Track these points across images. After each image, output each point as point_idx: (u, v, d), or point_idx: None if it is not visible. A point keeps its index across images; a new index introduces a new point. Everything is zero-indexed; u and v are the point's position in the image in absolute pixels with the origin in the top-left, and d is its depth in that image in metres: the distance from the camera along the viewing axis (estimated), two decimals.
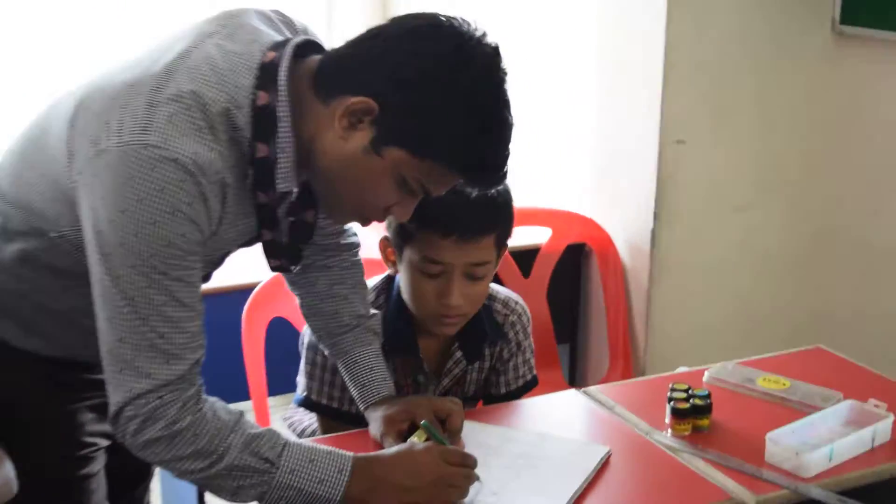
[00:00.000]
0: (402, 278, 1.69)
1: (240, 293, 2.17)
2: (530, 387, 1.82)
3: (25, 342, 1.44)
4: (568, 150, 3.04)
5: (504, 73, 1.32)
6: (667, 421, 1.65)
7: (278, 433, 1.35)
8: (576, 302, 2.98)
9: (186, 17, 1.41)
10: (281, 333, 2.11)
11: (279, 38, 1.35)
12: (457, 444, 1.54)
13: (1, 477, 1.36)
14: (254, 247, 1.46)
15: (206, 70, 1.27)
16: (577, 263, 2.94)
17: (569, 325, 2.97)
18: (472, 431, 1.59)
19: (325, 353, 1.68)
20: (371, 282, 1.73)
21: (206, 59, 1.28)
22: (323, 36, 1.45)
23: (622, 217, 2.85)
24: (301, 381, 1.75)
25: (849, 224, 2.84)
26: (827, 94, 2.80)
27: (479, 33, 1.30)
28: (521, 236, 2.76)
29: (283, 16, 1.42)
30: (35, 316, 1.42)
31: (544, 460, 1.53)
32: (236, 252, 1.51)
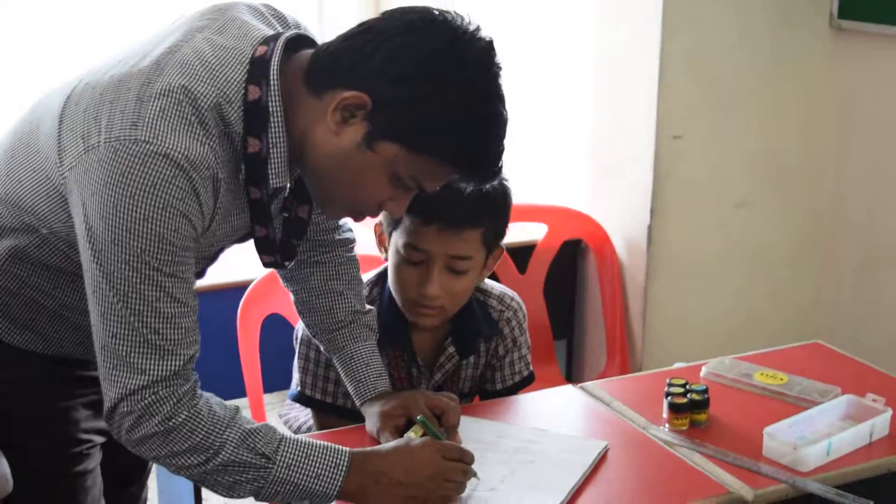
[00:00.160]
0: (389, 265, 1.69)
1: (235, 290, 2.16)
2: (527, 383, 1.81)
3: (18, 339, 1.43)
4: (564, 145, 3.03)
5: (499, 68, 1.31)
6: (664, 416, 1.64)
7: (274, 428, 1.34)
8: (572, 298, 2.97)
9: (177, 12, 1.40)
10: (276, 330, 2.10)
11: (270, 32, 1.34)
12: (453, 439, 1.53)
13: None
14: (248, 243, 1.46)
15: (196, 65, 1.26)
16: (573, 260, 2.93)
17: (565, 321, 2.96)
18: (468, 427, 1.59)
19: (321, 348, 1.67)
20: (366, 276, 1.73)
21: (196, 54, 1.28)
22: (314, 30, 1.44)
23: (618, 213, 2.84)
24: (295, 377, 1.75)
25: (847, 219, 2.84)
26: (825, 88, 2.79)
27: (472, 27, 1.30)
28: (516, 233, 2.74)
29: (274, 10, 1.41)
30: (27, 313, 1.42)
31: (541, 455, 1.52)
32: (231, 249, 1.50)
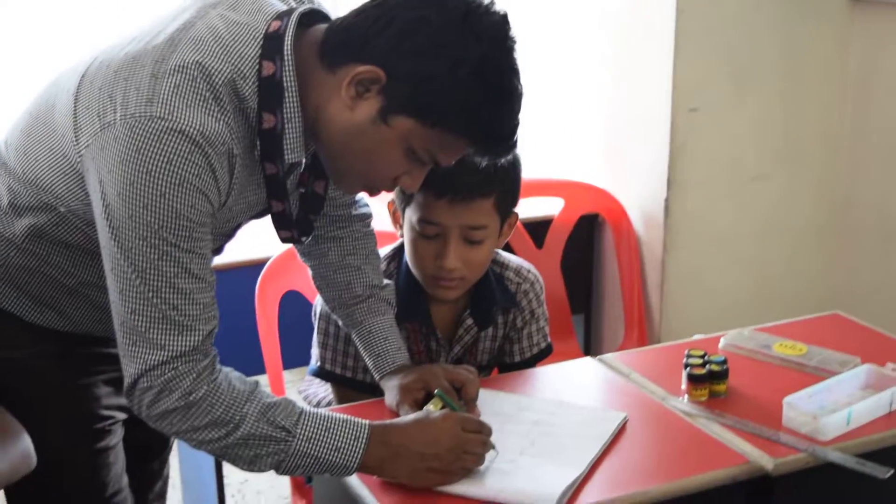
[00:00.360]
0: (405, 241, 1.69)
1: (252, 268, 2.17)
2: (545, 354, 1.82)
3: (38, 317, 1.44)
4: (579, 119, 3.01)
5: (513, 41, 1.31)
6: (683, 387, 1.64)
7: (294, 402, 1.35)
8: (589, 272, 2.97)
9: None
10: (295, 307, 2.11)
11: (283, 7, 1.34)
12: (472, 412, 1.53)
13: (19, 451, 1.37)
14: (266, 220, 1.46)
15: (210, 40, 1.26)
16: (590, 234, 2.93)
17: (583, 295, 2.96)
18: (487, 399, 1.59)
19: (339, 323, 1.68)
20: (382, 251, 1.73)
21: (210, 30, 1.28)
22: (328, 4, 1.44)
23: (635, 186, 2.83)
24: (314, 352, 1.76)
25: (867, 191, 2.81)
26: (842, 59, 2.76)
27: (486, 1, 1.29)
28: (533, 207, 2.76)
29: None
30: (47, 291, 1.43)
31: (561, 427, 1.52)
32: (248, 226, 1.51)
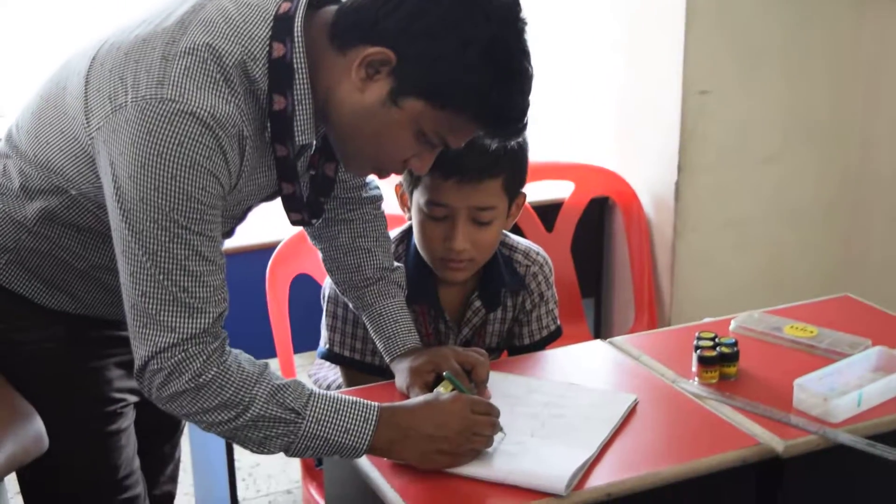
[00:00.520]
0: (413, 223, 1.69)
1: (263, 251, 2.17)
2: (554, 337, 1.82)
3: (50, 300, 1.45)
4: (590, 102, 3.01)
5: (524, 23, 1.30)
6: (693, 369, 1.64)
7: (303, 384, 1.35)
8: (600, 256, 2.97)
9: None
10: (305, 290, 2.11)
11: None
12: (483, 394, 1.54)
13: (32, 433, 1.38)
14: (276, 203, 1.46)
15: (220, 22, 1.26)
16: (600, 217, 2.92)
17: (593, 279, 2.96)
18: (497, 382, 1.59)
19: (350, 305, 1.68)
20: (392, 233, 1.73)
21: (220, 12, 1.27)
22: None
23: (645, 170, 2.82)
24: (323, 335, 1.76)
25: (876, 173, 2.80)
26: (854, 41, 2.75)
27: None
28: (543, 190, 2.75)
29: None
30: (59, 274, 1.43)
31: (571, 409, 1.52)
32: (259, 209, 1.51)
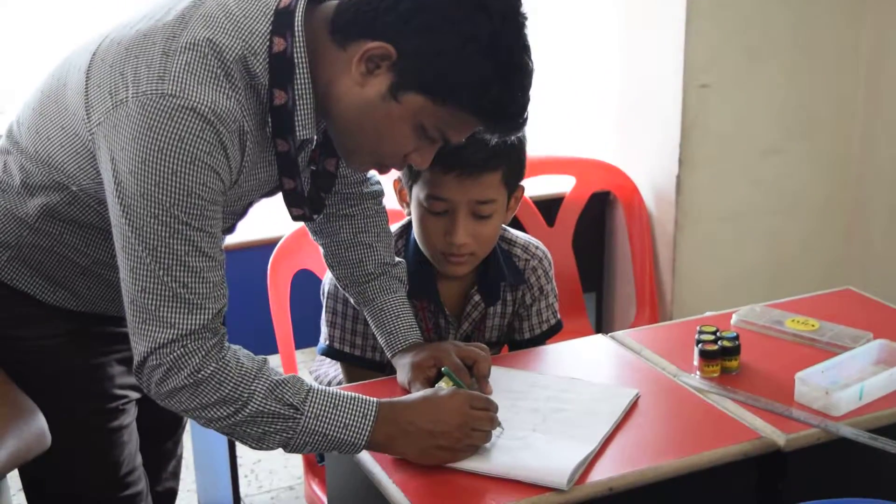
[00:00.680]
0: (412, 218, 1.69)
1: (265, 247, 2.17)
2: (555, 331, 1.82)
3: (52, 296, 1.45)
4: (590, 96, 3.00)
5: (524, 18, 1.30)
6: (695, 363, 1.64)
7: (302, 379, 1.35)
8: (601, 250, 2.96)
9: None
10: (307, 287, 2.11)
11: None
12: (485, 389, 1.54)
13: (34, 430, 1.38)
14: (277, 199, 1.46)
15: (220, 17, 1.26)
16: (601, 211, 2.92)
17: (595, 273, 2.96)
18: (499, 377, 1.59)
19: (350, 301, 1.68)
20: (391, 228, 1.73)
21: (220, 6, 1.27)
22: None
23: (646, 163, 2.82)
24: (323, 331, 1.76)
25: (877, 165, 2.80)
26: (855, 33, 2.74)
27: None
28: (544, 185, 2.75)
29: None
30: (60, 270, 1.43)
31: (572, 403, 1.52)
32: (260, 205, 1.51)
